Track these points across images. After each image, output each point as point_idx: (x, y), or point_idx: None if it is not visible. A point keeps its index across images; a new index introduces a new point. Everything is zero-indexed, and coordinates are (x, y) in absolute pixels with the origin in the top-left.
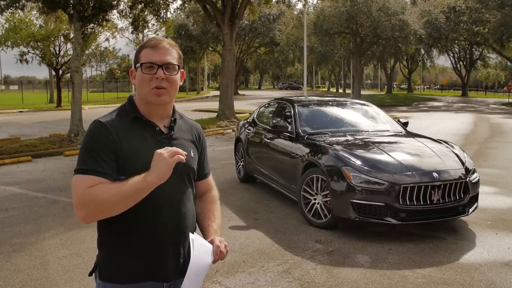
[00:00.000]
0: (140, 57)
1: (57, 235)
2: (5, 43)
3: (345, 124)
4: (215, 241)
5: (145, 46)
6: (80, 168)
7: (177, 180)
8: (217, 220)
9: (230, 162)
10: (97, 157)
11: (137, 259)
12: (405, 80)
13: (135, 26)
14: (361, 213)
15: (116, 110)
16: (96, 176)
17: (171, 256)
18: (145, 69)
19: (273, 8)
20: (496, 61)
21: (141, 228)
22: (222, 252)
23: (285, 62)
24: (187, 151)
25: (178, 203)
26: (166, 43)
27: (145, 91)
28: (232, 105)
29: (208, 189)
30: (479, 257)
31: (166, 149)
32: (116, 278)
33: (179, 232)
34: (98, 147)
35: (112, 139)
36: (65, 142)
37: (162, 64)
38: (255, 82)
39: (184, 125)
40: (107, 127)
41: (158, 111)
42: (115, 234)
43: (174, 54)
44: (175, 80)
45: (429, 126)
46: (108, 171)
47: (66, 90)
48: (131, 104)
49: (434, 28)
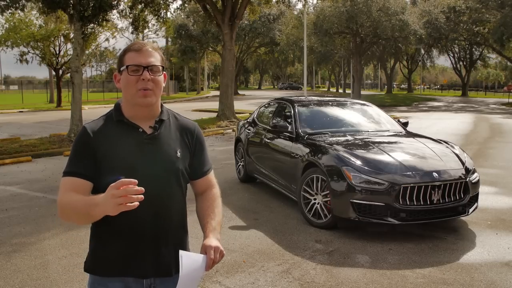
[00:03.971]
0: (125, 60)
1: (57, 235)
2: (5, 43)
3: (345, 124)
4: (209, 252)
5: (129, 50)
6: (64, 171)
7: (160, 180)
8: (216, 217)
9: (230, 162)
10: (76, 159)
11: (114, 253)
12: (405, 80)
13: (135, 26)
14: (361, 213)
15: (104, 115)
16: (76, 177)
17: (149, 254)
18: (131, 71)
19: (273, 8)
20: (496, 61)
21: (120, 224)
22: (215, 262)
23: (285, 62)
24: (172, 151)
25: (158, 203)
26: (149, 46)
27: (131, 93)
28: (232, 105)
29: (208, 187)
30: (479, 257)
31: (123, 191)
32: (98, 270)
33: (159, 232)
34: (78, 150)
35: (89, 143)
36: (65, 142)
37: (147, 65)
38: (255, 82)
39: (176, 124)
40: (87, 132)
41: (144, 112)
42: (99, 229)
43: (157, 57)
44: (160, 81)
45: (429, 126)
46: (87, 173)
47: (66, 90)
48: (116, 109)
49: (434, 28)
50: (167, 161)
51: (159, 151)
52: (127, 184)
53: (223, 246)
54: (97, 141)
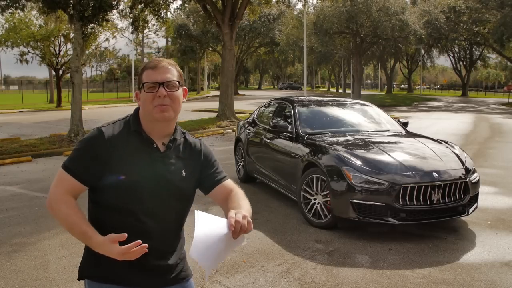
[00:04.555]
0: (142, 78)
1: (57, 235)
2: (5, 43)
3: (345, 124)
4: (231, 215)
5: (146, 68)
6: (66, 165)
7: (164, 197)
8: (241, 202)
9: (230, 162)
10: (82, 161)
11: (115, 261)
12: (405, 80)
13: (135, 26)
14: (361, 213)
15: (121, 119)
16: (75, 179)
17: (151, 265)
18: (147, 88)
19: (273, 8)
20: (496, 61)
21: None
22: (238, 221)
23: (285, 62)
24: (177, 171)
25: (163, 220)
26: (165, 62)
27: (149, 109)
28: (232, 105)
29: (229, 192)
30: (479, 257)
31: (127, 247)
32: (95, 276)
33: (162, 246)
34: (87, 152)
35: (101, 148)
36: (65, 142)
37: (163, 82)
38: (255, 82)
39: (185, 143)
40: (103, 137)
41: (161, 128)
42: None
43: (174, 72)
44: (177, 96)
45: (429, 126)
46: (85, 178)
47: (66, 90)
48: (135, 117)
49: (434, 28)
50: (173, 180)
51: (168, 170)
52: (128, 246)
53: None
54: (111, 148)
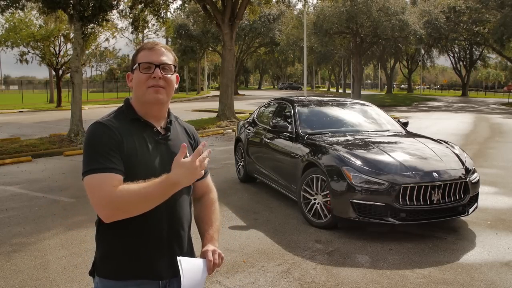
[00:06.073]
0: (138, 58)
1: (57, 235)
2: (5, 43)
3: (345, 124)
4: (207, 255)
5: (143, 49)
6: (93, 168)
7: None
8: (214, 224)
9: (230, 162)
10: (106, 155)
11: (132, 256)
12: (405, 80)
13: (135, 26)
14: (361, 213)
15: (113, 112)
16: (113, 173)
17: (165, 255)
18: (142, 69)
19: (273, 8)
20: (496, 61)
21: (138, 227)
22: (216, 264)
23: (285, 62)
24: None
25: (174, 204)
26: (162, 46)
27: (142, 90)
28: (232, 105)
29: (206, 191)
30: (479, 257)
31: (200, 160)
32: (112, 274)
33: (174, 232)
34: (105, 146)
35: (116, 139)
36: (65, 142)
37: (159, 64)
38: (255, 82)
39: (179, 127)
40: (110, 128)
41: (155, 111)
42: (112, 231)
43: (170, 56)
44: (171, 80)
45: (429, 126)
46: (120, 167)
47: (66, 90)
48: (128, 106)
49: (434, 28)
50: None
51: (172, 153)
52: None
53: (224, 246)
54: (121, 137)
